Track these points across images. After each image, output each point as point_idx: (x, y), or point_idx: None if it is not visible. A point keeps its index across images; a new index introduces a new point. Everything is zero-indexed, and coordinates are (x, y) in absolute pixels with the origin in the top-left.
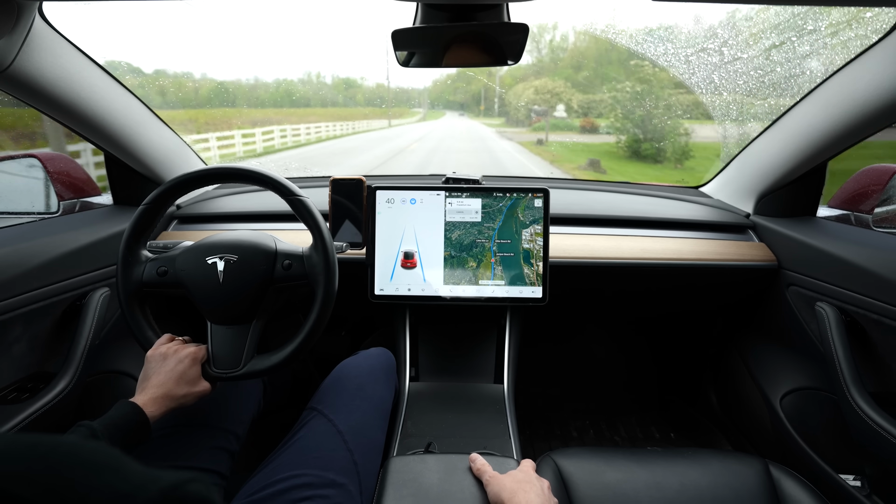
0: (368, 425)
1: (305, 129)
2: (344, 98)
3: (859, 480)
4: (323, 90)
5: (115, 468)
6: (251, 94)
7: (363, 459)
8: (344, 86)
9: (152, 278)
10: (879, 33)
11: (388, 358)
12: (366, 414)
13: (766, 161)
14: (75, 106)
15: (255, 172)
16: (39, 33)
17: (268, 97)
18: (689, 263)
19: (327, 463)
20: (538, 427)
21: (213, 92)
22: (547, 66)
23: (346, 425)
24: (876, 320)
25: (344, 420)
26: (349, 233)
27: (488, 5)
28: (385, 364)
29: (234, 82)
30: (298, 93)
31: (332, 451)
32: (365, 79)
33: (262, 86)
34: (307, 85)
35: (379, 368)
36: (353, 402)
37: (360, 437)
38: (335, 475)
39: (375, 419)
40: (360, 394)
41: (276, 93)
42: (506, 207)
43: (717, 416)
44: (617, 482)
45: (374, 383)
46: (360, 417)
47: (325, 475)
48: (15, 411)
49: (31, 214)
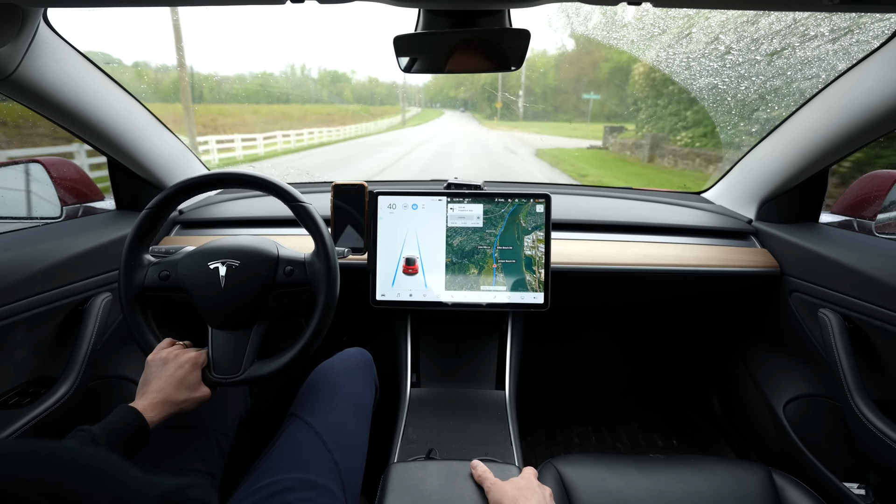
0: (347, 424)
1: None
2: (329, 94)
3: (864, 489)
4: (306, 84)
5: (114, 473)
6: (221, 87)
7: (343, 458)
8: (330, 80)
9: (154, 282)
10: (881, 39)
11: (365, 357)
12: (343, 413)
13: (768, 167)
14: (79, 111)
15: (257, 178)
16: (43, 39)
17: (240, 91)
18: (691, 269)
19: (307, 465)
20: (540, 433)
21: (175, 85)
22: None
23: (323, 426)
24: (879, 327)
25: (321, 421)
26: (351, 238)
27: (490, 11)
28: (361, 363)
29: (209, 75)
30: (277, 87)
31: (312, 453)
32: (355, 72)
33: (238, 79)
34: (290, 80)
35: (355, 368)
36: (330, 402)
37: (338, 436)
38: (316, 476)
39: (354, 417)
40: (336, 394)
41: (250, 87)
42: (508, 213)
43: (719, 423)
44: (619, 489)
45: (350, 382)
46: (337, 417)
47: (305, 477)
48: (16, 416)
49: (34, 219)
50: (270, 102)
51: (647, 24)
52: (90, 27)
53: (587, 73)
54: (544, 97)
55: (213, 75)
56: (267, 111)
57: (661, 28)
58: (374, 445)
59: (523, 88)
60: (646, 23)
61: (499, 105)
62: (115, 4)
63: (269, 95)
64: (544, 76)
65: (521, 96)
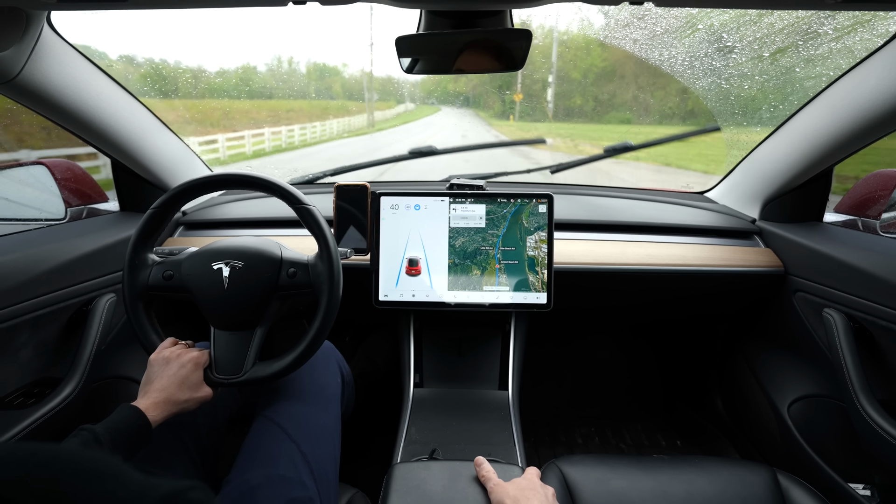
0: (310, 414)
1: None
2: (317, 89)
3: (869, 490)
4: (293, 78)
5: (115, 476)
6: (196, 81)
7: (310, 448)
8: (318, 73)
9: (158, 282)
10: (885, 37)
11: (324, 347)
12: (306, 404)
13: (771, 166)
14: (82, 114)
15: (261, 179)
16: (47, 42)
17: (220, 85)
18: (694, 269)
19: (273, 461)
20: (543, 434)
21: (147, 78)
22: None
23: (285, 419)
24: (884, 327)
25: (283, 414)
26: (354, 239)
27: (492, 12)
28: (320, 353)
29: (183, 68)
30: (257, 81)
31: (276, 447)
32: (347, 65)
33: (220, 72)
34: (273, 73)
35: (314, 359)
36: (291, 395)
37: (302, 426)
38: (284, 470)
39: (317, 406)
40: (295, 386)
41: (227, 82)
42: (510, 214)
43: (723, 423)
44: (622, 490)
45: (309, 373)
46: (300, 408)
47: (273, 473)
48: (21, 416)
49: (38, 221)
50: (253, 98)
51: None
52: (75, 19)
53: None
54: (583, 87)
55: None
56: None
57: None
58: (377, 446)
59: (554, 73)
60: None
61: (518, 97)
62: (120, 7)
63: (249, 92)
64: (586, 54)
65: (552, 84)
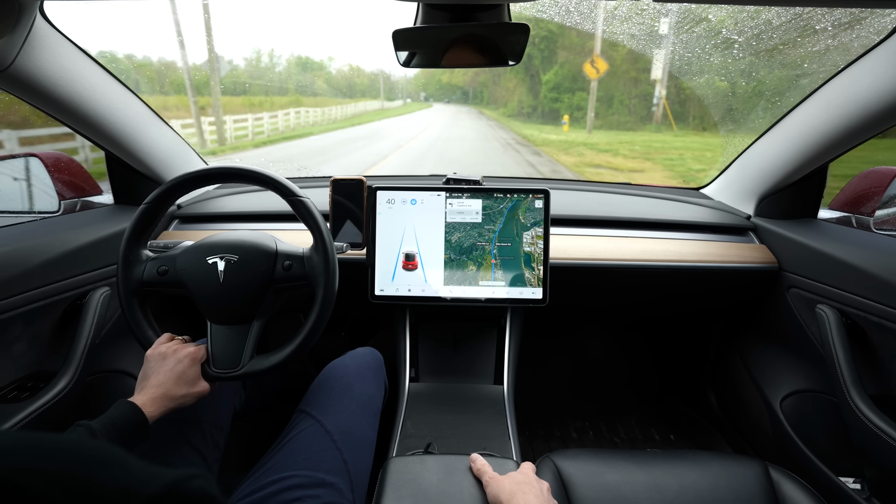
0: (357, 424)
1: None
2: (297, 85)
3: (859, 483)
4: (268, 75)
5: (119, 464)
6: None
7: (353, 458)
8: (299, 68)
9: (153, 277)
10: (881, 34)
11: (376, 357)
12: (354, 413)
13: (767, 163)
14: (76, 105)
15: (256, 172)
16: (40, 32)
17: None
18: (689, 265)
19: (317, 463)
20: (538, 428)
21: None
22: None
23: (334, 425)
24: (876, 323)
25: (332, 420)
26: (350, 233)
27: (489, 5)
28: (373, 363)
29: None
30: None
31: (322, 451)
32: (333, 59)
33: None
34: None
35: (366, 367)
36: (341, 402)
37: (349, 436)
38: (325, 475)
39: (364, 418)
40: (347, 393)
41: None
42: (507, 209)
43: (716, 418)
44: (616, 484)
45: (361, 382)
46: (348, 417)
47: (315, 475)
48: (15, 410)
49: (32, 213)
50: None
51: None
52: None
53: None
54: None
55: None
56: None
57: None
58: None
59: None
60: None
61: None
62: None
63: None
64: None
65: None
